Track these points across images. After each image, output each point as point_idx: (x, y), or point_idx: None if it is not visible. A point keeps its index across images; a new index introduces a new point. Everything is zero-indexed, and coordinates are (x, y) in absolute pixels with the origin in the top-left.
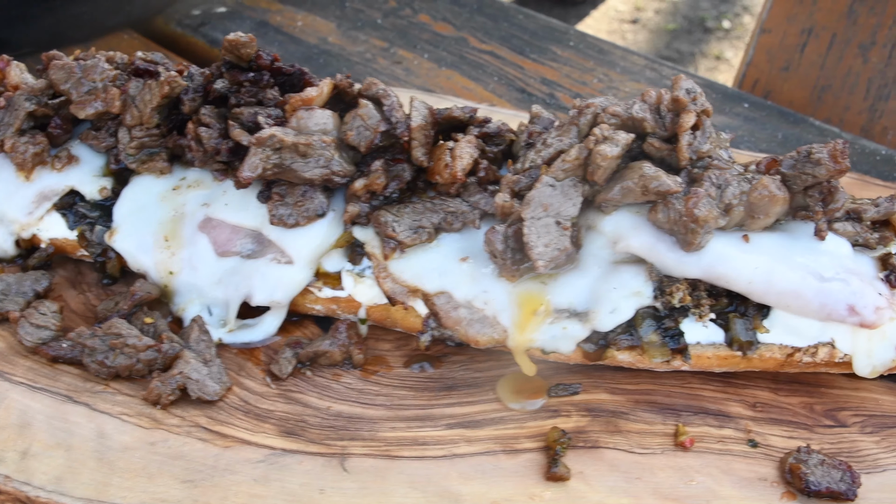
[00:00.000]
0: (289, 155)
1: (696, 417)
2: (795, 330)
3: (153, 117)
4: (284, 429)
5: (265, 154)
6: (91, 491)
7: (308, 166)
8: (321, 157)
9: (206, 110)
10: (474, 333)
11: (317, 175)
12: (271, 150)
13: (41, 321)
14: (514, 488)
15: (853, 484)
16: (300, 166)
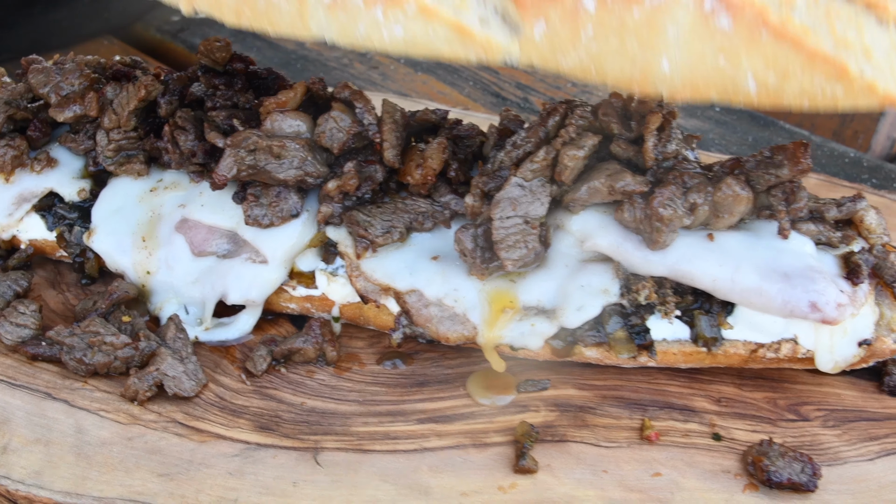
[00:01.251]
0: (263, 156)
1: (661, 412)
2: (759, 326)
3: (130, 120)
4: (259, 424)
5: (240, 155)
6: (69, 484)
7: (282, 167)
8: (295, 158)
9: (183, 113)
10: (445, 331)
11: (290, 176)
12: (246, 151)
13: (21, 320)
14: (483, 481)
15: (814, 476)
16: (274, 167)
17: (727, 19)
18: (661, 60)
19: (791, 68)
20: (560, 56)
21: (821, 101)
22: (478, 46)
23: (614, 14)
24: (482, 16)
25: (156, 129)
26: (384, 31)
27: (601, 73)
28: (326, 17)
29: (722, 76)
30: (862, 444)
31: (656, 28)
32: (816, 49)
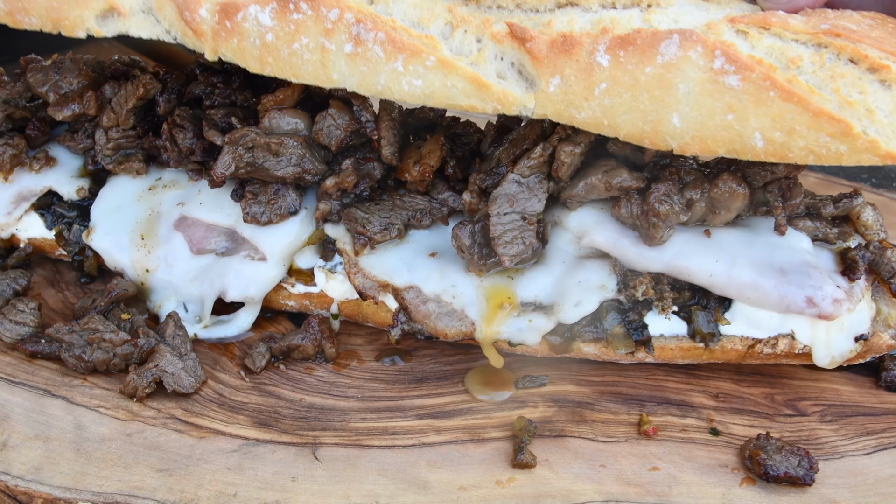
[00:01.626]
0: (261, 154)
1: (659, 407)
2: (756, 322)
3: (129, 119)
4: (258, 420)
5: (238, 153)
6: (69, 480)
7: (280, 165)
8: (293, 155)
9: (181, 112)
10: (443, 327)
11: (289, 173)
12: (244, 148)
13: (20, 318)
14: (482, 475)
15: (811, 469)
16: (272, 164)
17: (736, 78)
18: (672, 116)
19: (797, 126)
20: (574, 110)
21: (825, 157)
22: (495, 99)
23: (627, 70)
24: (499, 70)
25: (154, 127)
26: (404, 83)
27: (613, 127)
28: (348, 67)
29: (730, 132)
30: (859, 439)
31: (668, 85)
32: (822, 108)
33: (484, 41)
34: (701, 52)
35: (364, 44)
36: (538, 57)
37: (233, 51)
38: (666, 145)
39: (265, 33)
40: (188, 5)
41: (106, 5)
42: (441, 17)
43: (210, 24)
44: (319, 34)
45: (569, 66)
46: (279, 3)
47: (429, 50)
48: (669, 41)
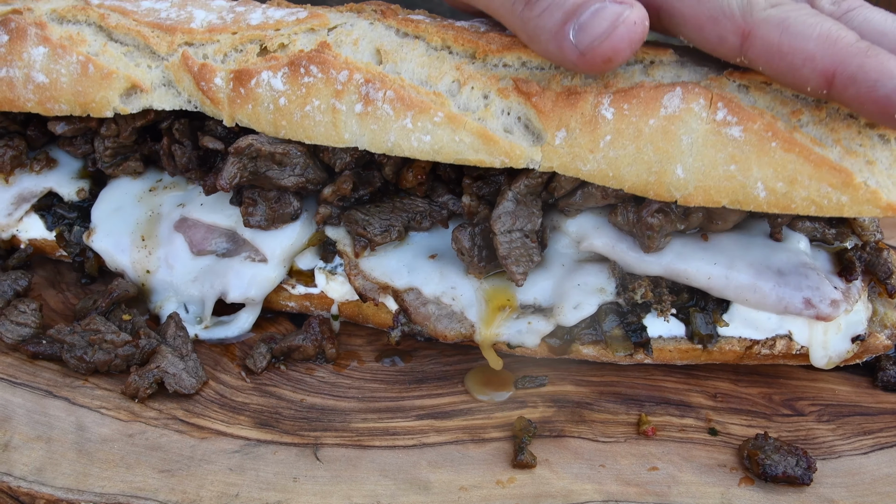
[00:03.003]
0: (264, 163)
1: (658, 407)
2: (754, 323)
3: (132, 135)
4: (259, 420)
5: (242, 163)
6: (71, 481)
7: (284, 174)
8: (297, 165)
9: (180, 126)
10: (443, 329)
11: (291, 183)
12: (248, 158)
13: (21, 319)
14: (482, 475)
15: (809, 469)
16: (276, 174)
17: (738, 129)
18: (676, 167)
19: (799, 177)
20: (580, 162)
21: (827, 208)
22: (502, 153)
23: (631, 123)
24: (506, 125)
25: (153, 133)
26: (413, 139)
27: (618, 179)
28: (359, 126)
29: (733, 183)
30: (856, 438)
31: (671, 136)
32: (824, 158)
33: (491, 97)
34: (703, 104)
35: (374, 103)
36: (543, 111)
37: (248, 116)
38: (670, 196)
39: (278, 97)
40: (203, 75)
41: (128, 83)
42: (448, 75)
43: (226, 92)
44: (330, 96)
45: (574, 119)
46: (290, 67)
47: (437, 106)
48: (672, 94)
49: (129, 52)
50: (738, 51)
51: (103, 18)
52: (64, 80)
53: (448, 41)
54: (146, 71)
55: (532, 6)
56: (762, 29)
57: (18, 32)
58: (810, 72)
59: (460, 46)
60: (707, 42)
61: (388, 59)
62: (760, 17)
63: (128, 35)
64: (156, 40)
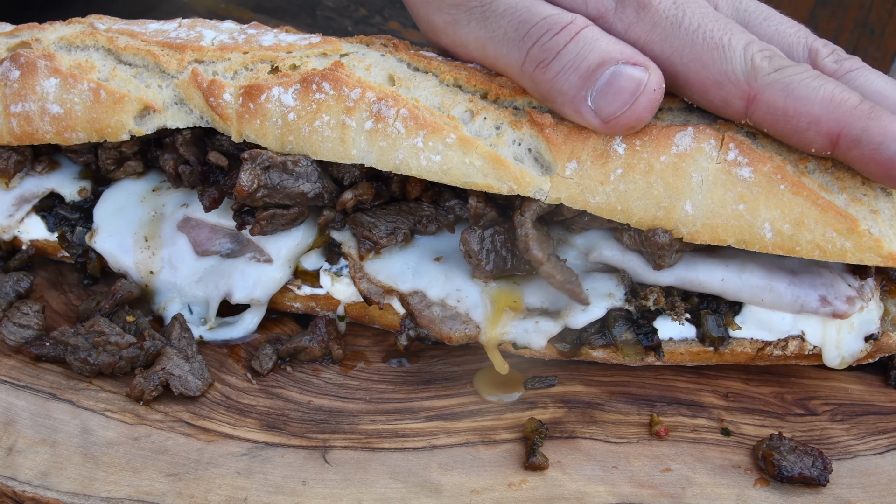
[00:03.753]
0: (276, 174)
1: (669, 407)
2: (766, 324)
3: (134, 146)
4: (266, 423)
5: (256, 171)
6: (76, 485)
7: (299, 182)
8: (312, 173)
9: (185, 142)
10: (448, 331)
11: (308, 189)
12: (261, 168)
13: (24, 321)
14: (494, 477)
15: (825, 469)
16: (290, 183)
17: (749, 170)
18: (685, 203)
19: (806, 220)
20: (589, 195)
21: (830, 253)
22: (511, 179)
23: (643, 158)
24: (516, 155)
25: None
26: (422, 158)
27: (626, 213)
28: (367, 143)
29: (740, 222)
30: (871, 438)
31: (682, 173)
32: (830, 203)
33: (503, 127)
34: (714, 144)
35: (385, 120)
36: (555, 143)
37: (255, 131)
38: (677, 232)
39: (287, 113)
40: (213, 91)
41: (141, 105)
42: (461, 105)
43: (234, 108)
44: (341, 112)
45: (585, 152)
46: (302, 84)
47: (449, 128)
48: (684, 133)
49: (138, 73)
50: (742, 114)
51: (112, 41)
52: (78, 108)
53: (460, 80)
54: (157, 91)
55: (545, 68)
56: (767, 93)
57: (28, 66)
58: (815, 134)
59: (472, 86)
60: (712, 104)
61: (401, 83)
62: (765, 82)
63: (137, 56)
64: (165, 58)
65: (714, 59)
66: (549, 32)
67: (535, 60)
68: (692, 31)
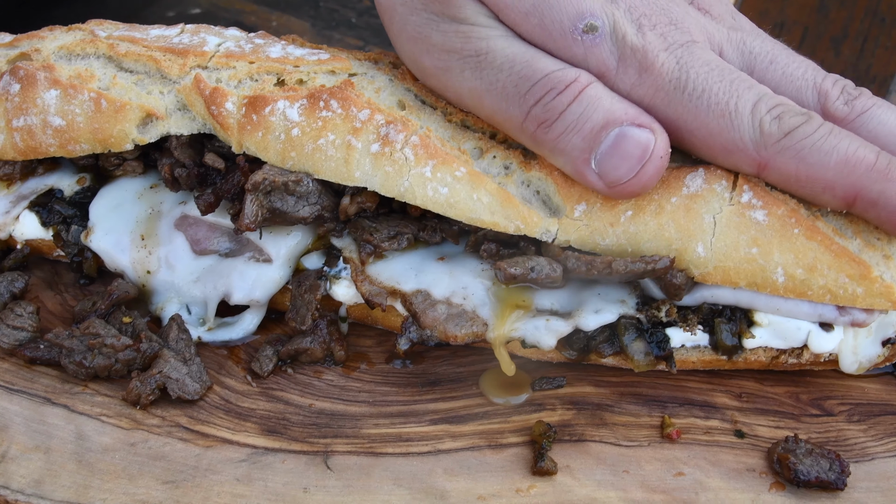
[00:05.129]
0: (278, 197)
1: (681, 409)
2: (782, 333)
3: (136, 151)
4: (266, 427)
5: (259, 199)
6: (71, 493)
7: (299, 206)
8: (311, 193)
9: (181, 146)
10: (453, 329)
11: (308, 213)
12: (263, 194)
13: (17, 322)
14: (501, 483)
15: (842, 473)
16: (291, 207)
17: (763, 213)
18: (697, 245)
19: (819, 265)
20: (598, 237)
21: (842, 298)
22: (519, 218)
23: (653, 199)
24: (524, 196)
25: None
26: (429, 188)
27: (637, 254)
28: (372, 166)
29: (753, 266)
30: (889, 439)
31: (694, 214)
32: (844, 249)
33: (512, 167)
34: (726, 185)
35: (392, 144)
36: (564, 185)
37: (256, 144)
38: (689, 273)
39: (291, 128)
40: (214, 99)
41: (143, 113)
42: (471, 142)
43: (236, 118)
44: (347, 132)
45: (595, 194)
46: (310, 99)
47: (460, 161)
48: (695, 174)
49: (139, 80)
50: (755, 176)
51: (112, 48)
52: (80, 119)
53: (468, 121)
54: (159, 98)
55: (546, 129)
56: (778, 161)
57: (28, 79)
58: (831, 198)
59: (480, 127)
60: (723, 167)
61: (411, 111)
62: (775, 150)
63: (138, 62)
64: (167, 63)
65: (721, 128)
66: (553, 92)
67: (536, 120)
68: (697, 96)
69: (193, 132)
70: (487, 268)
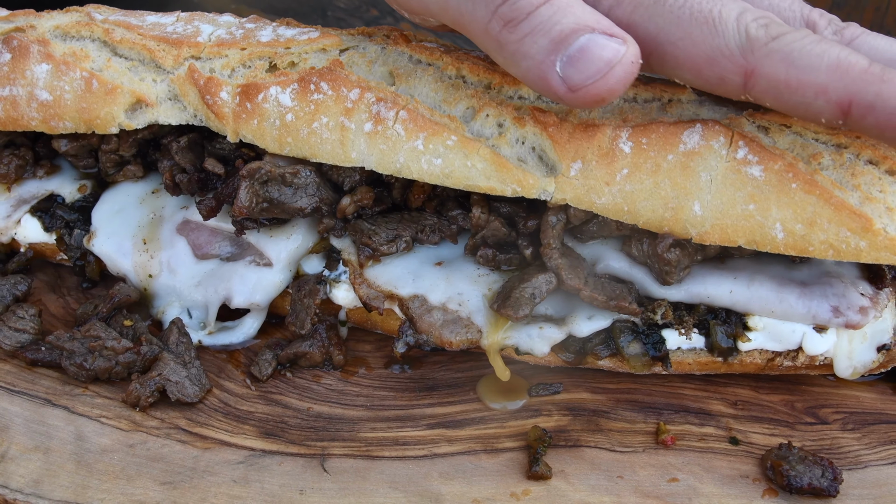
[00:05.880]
0: (275, 187)
1: (677, 416)
2: (777, 336)
3: (132, 148)
4: (264, 430)
5: (254, 187)
6: (69, 493)
7: (297, 197)
8: (309, 185)
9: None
10: (448, 335)
11: (305, 204)
12: (259, 183)
13: (20, 325)
14: (496, 487)
15: (835, 480)
16: (289, 198)
17: (759, 168)
18: (694, 204)
19: (819, 219)
20: (594, 195)
21: (844, 252)
22: (514, 181)
23: (650, 157)
24: (520, 154)
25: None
26: (423, 161)
27: (633, 213)
28: (367, 145)
29: (751, 222)
30: (882, 448)
31: (690, 172)
32: (844, 202)
33: (506, 125)
34: (723, 142)
35: (384, 122)
36: (559, 142)
37: (252, 132)
38: (685, 233)
39: (285, 114)
40: (209, 89)
41: (133, 98)
42: (463, 102)
43: (231, 107)
44: (339, 113)
45: (591, 151)
46: (300, 83)
47: (450, 130)
48: (692, 130)
49: (133, 66)
50: (741, 89)
51: (108, 33)
52: (68, 96)
53: (463, 71)
54: (151, 85)
55: (512, 29)
56: (766, 66)
57: (21, 50)
58: (824, 104)
59: (475, 77)
60: (707, 83)
61: (401, 81)
62: (763, 54)
63: (133, 49)
64: (161, 54)
65: (704, 35)
66: None
67: (502, 19)
68: (678, 7)
69: (182, 122)
70: (484, 273)
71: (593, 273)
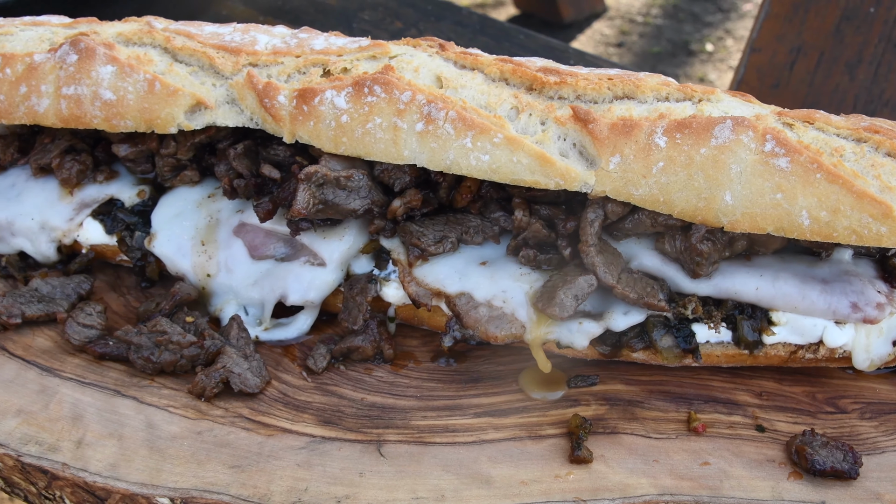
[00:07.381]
0: (331, 190)
1: (706, 405)
2: (799, 329)
3: (189, 152)
4: (322, 418)
5: (312, 190)
6: (145, 476)
7: (350, 198)
8: (361, 188)
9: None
10: (493, 331)
11: (358, 206)
12: (316, 185)
13: (87, 321)
14: (541, 470)
15: (855, 463)
16: (343, 199)
17: (785, 160)
18: (725, 194)
19: (842, 207)
20: (632, 187)
21: (867, 238)
22: (558, 175)
23: (683, 151)
24: (561, 150)
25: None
26: (472, 158)
27: (668, 204)
28: (419, 144)
29: (779, 210)
30: None
31: (721, 165)
32: (865, 191)
33: (548, 123)
34: (752, 136)
35: (435, 122)
36: (599, 138)
37: (309, 133)
38: (718, 222)
39: (340, 115)
40: (268, 93)
41: (193, 101)
42: (507, 102)
43: (288, 110)
44: (392, 114)
45: (628, 147)
46: (354, 87)
47: (496, 128)
48: (723, 125)
49: (194, 71)
50: None
51: (168, 41)
52: (130, 97)
53: (506, 74)
54: (210, 89)
55: None
56: None
57: (87, 52)
58: None
59: (517, 79)
60: None
61: (448, 85)
62: None
63: (193, 56)
64: (221, 60)
65: None
66: None
67: None
68: None
69: (239, 125)
70: (526, 272)
71: (627, 269)
